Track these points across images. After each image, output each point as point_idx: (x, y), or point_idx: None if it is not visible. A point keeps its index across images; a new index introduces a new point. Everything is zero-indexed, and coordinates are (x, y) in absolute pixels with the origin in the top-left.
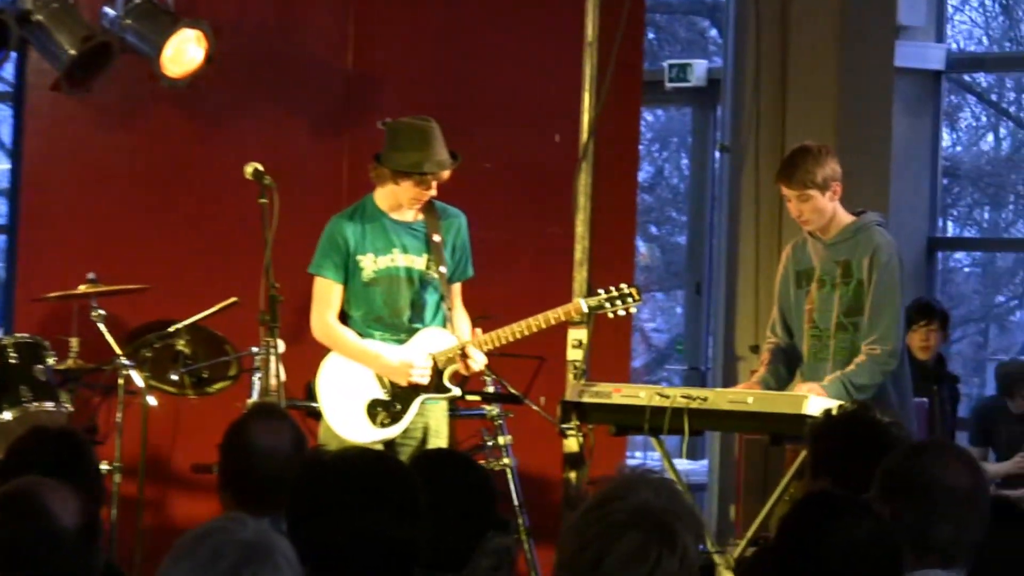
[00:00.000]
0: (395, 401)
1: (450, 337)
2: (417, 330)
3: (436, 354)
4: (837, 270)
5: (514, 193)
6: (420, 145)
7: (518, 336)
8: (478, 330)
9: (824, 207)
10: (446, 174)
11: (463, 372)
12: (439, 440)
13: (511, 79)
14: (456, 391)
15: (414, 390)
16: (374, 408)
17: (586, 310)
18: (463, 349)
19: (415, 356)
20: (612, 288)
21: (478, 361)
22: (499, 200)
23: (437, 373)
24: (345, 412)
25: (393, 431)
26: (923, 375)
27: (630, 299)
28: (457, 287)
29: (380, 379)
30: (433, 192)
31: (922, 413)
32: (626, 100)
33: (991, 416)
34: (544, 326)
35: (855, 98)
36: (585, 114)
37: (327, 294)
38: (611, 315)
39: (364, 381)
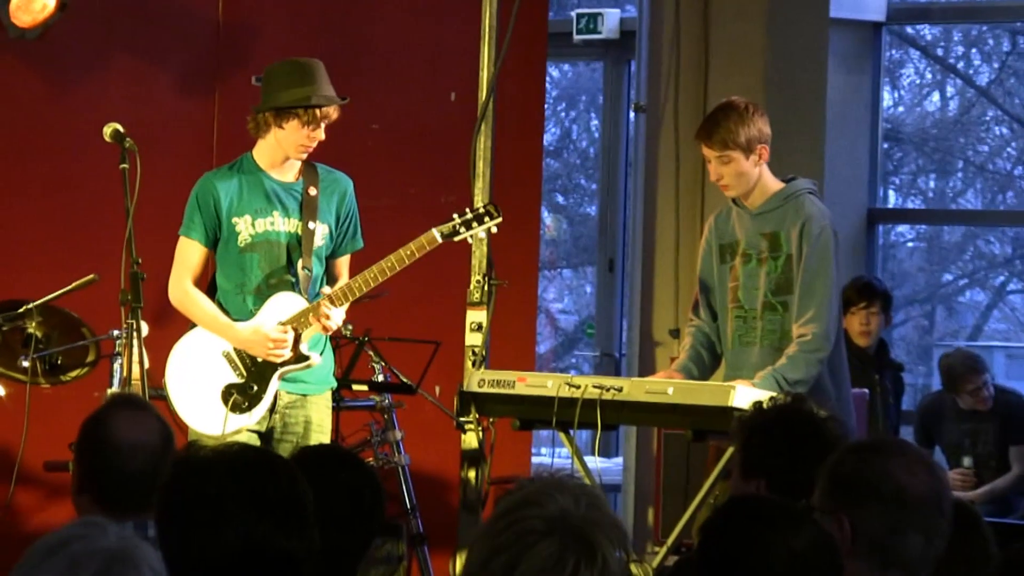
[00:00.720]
0: (250, 382)
1: (299, 300)
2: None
3: (287, 320)
4: (763, 243)
5: (404, 157)
6: (305, 80)
7: (372, 284)
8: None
9: (747, 171)
10: (335, 113)
11: (321, 332)
12: (321, 435)
13: (400, 30)
14: (316, 359)
15: (270, 366)
16: (229, 393)
17: (440, 239)
18: (319, 307)
19: (267, 325)
20: (467, 210)
21: (334, 318)
22: (387, 165)
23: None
24: (197, 403)
25: (254, 416)
26: (863, 363)
27: (488, 217)
28: (345, 260)
29: (231, 360)
30: (322, 135)
31: (862, 405)
32: (530, 54)
33: (936, 413)
34: (399, 266)
35: (785, 52)
36: (484, 70)
37: (187, 256)
38: (471, 239)
39: (214, 366)
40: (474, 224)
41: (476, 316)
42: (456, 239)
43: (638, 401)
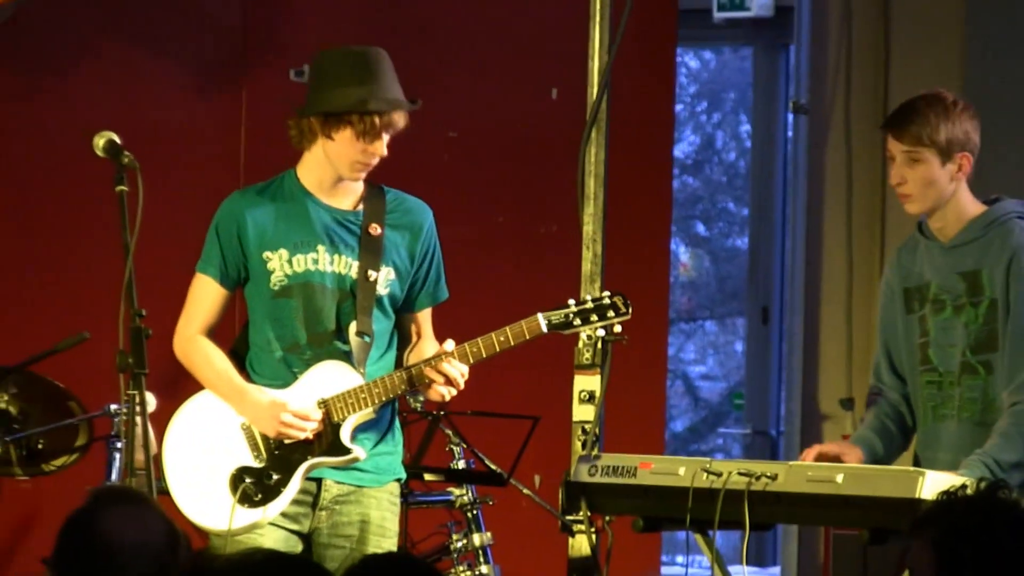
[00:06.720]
0: (270, 469)
1: (351, 374)
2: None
3: (330, 399)
4: (961, 285)
5: (491, 175)
6: (363, 77)
7: (485, 354)
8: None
9: (938, 180)
10: (401, 121)
11: (436, 397)
12: (385, 540)
13: (483, 9)
14: (359, 453)
15: (299, 452)
16: (239, 479)
17: (546, 328)
18: (434, 364)
19: (299, 400)
20: (587, 298)
21: (454, 376)
22: (468, 185)
23: (332, 427)
24: (199, 487)
25: (270, 511)
26: None
27: (612, 312)
28: (426, 315)
29: (250, 437)
30: (384, 151)
31: None
32: (656, 37)
33: None
34: (486, 354)
35: (993, 34)
36: (593, 59)
37: (199, 297)
38: (586, 337)
39: (226, 442)
40: (592, 318)
41: (586, 383)
42: (567, 332)
43: (798, 493)
